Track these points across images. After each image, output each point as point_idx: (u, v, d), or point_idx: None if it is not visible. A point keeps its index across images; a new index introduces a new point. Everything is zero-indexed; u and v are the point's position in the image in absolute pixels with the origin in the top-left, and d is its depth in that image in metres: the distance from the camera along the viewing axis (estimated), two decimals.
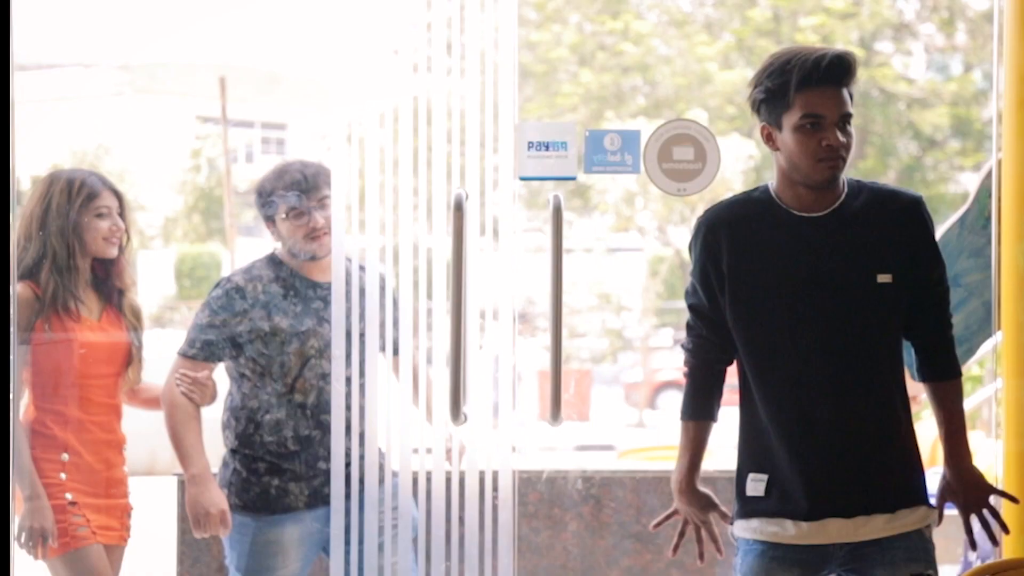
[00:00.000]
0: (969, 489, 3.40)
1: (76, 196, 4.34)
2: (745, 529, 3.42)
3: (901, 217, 3.34)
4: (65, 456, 4.32)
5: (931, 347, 3.41)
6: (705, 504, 3.49)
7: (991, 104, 5.06)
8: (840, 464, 3.30)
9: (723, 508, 3.51)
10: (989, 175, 4.76)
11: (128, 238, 4.49)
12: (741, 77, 17.84)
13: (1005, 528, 3.46)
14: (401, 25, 4.42)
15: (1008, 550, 4.21)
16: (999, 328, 4.42)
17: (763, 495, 3.36)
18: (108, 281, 4.50)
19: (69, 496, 4.31)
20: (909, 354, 3.47)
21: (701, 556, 3.54)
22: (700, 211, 3.53)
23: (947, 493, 3.40)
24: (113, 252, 4.42)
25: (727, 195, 3.62)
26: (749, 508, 3.40)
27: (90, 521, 4.33)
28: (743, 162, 16.65)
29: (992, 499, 3.46)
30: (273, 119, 26.54)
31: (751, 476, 3.39)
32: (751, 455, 3.40)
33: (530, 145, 4.26)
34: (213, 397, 4.35)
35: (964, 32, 18.91)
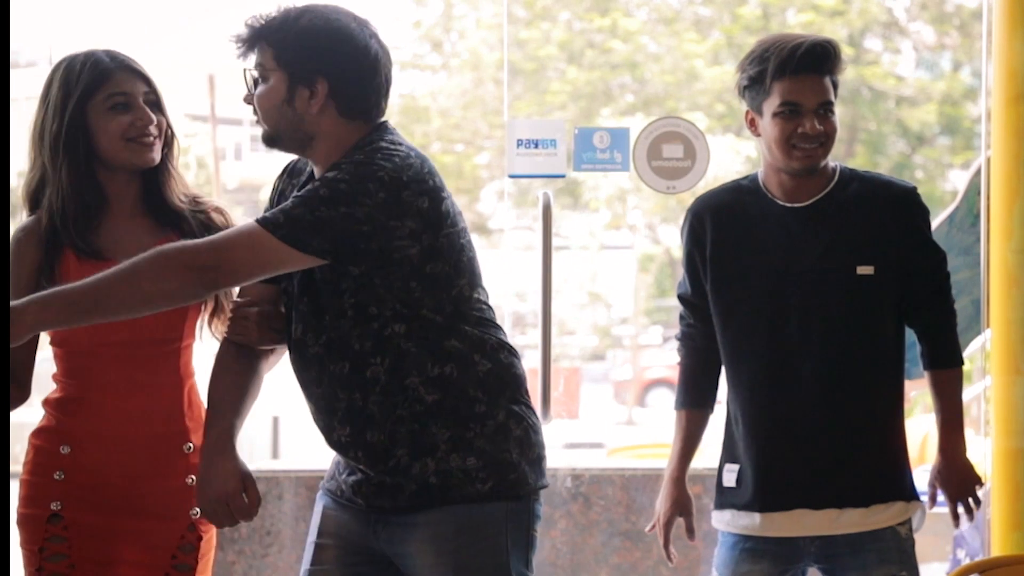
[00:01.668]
0: (956, 480, 3.39)
1: (77, 84, 3.08)
2: (720, 521, 3.42)
3: (892, 208, 3.33)
4: (66, 449, 3.10)
5: (930, 335, 3.40)
6: (680, 505, 3.48)
7: (980, 102, 5.08)
8: (810, 456, 3.28)
9: (694, 524, 3.50)
10: (978, 173, 4.77)
11: (173, 136, 3.19)
12: (730, 75, 17.85)
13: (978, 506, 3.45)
14: (390, 23, 4.40)
15: (996, 548, 4.22)
16: (988, 326, 4.42)
17: (735, 486, 3.36)
18: (156, 204, 3.18)
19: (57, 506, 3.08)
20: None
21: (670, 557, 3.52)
22: None
23: (936, 479, 3.40)
24: (147, 158, 3.11)
25: None
26: (724, 499, 3.40)
27: (75, 549, 3.07)
28: (739, 162, 16.67)
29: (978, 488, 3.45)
30: None
31: (726, 467, 3.40)
32: (728, 446, 3.40)
33: (519, 143, 4.27)
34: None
35: (953, 30, 18.94)
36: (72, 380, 3.11)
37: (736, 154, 17.06)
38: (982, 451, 4.63)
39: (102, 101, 3.07)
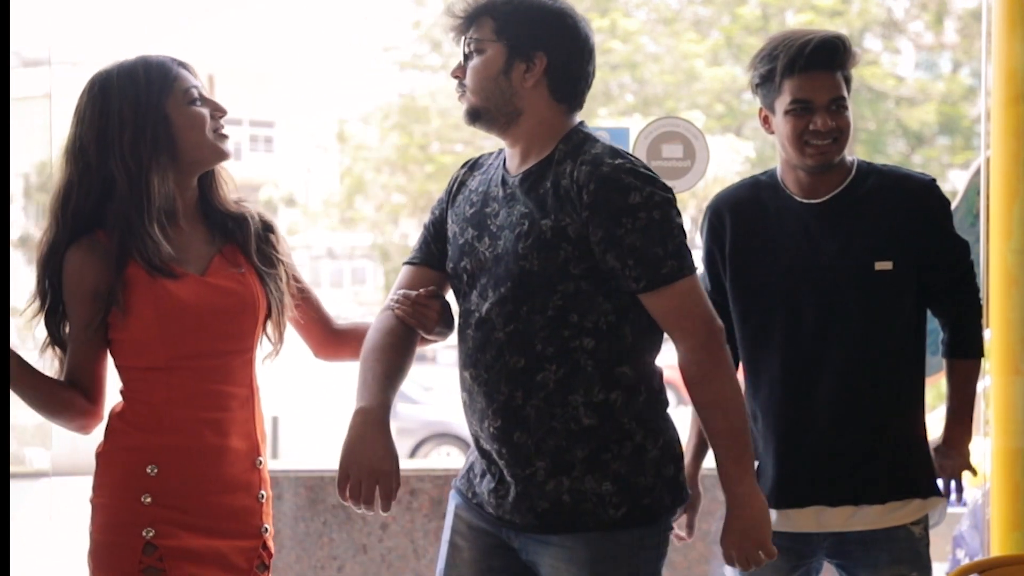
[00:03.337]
0: (949, 464, 3.40)
1: (148, 86, 2.97)
2: None
3: (911, 202, 3.31)
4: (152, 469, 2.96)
5: (950, 325, 3.40)
6: (689, 501, 3.48)
7: (979, 102, 5.08)
8: (829, 453, 3.28)
9: (695, 521, 3.50)
10: (977, 173, 4.77)
11: None
12: (730, 74, 17.86)
13: (960, 495, 3.48)
14: (390, 23, 4.39)
15: (995, 548, 4.22)
16: (987, 326, 4.42)
17: None
18: (210, 210, 3.09)
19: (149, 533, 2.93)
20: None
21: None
22: (691, 209, 3.52)
23: (933, 452, 3.41)
24: (228, 149, 3.04)
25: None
26: None
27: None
28: (739, 162, 16.68)
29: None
30: (261, 117, 26.55)
31: None
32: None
33: None
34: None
35: (953, 30, 18.95)
36: (148, 395, 2.96)
37: (736, 154, 17.07)
38: (982, 451, 4.63)
39: (180, 97, 2.97)
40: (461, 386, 2.96)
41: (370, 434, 2.77)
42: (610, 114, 17.66)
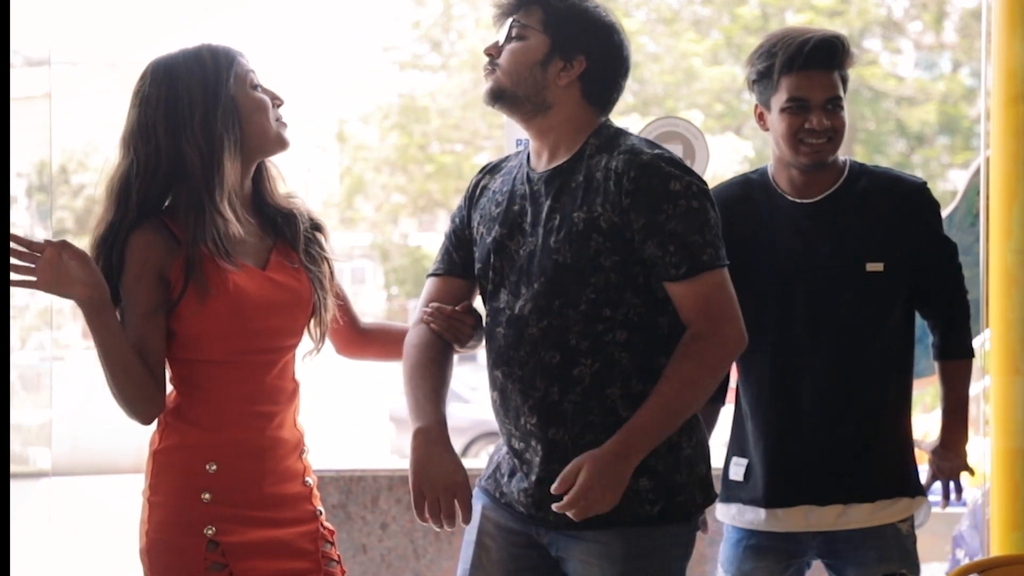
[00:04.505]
0: (947, 465, 3.41)
1: (217, 68, 2.95)
2: (725, 515, 3.42)
3: (902, 203, 3.31)
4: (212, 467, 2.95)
5: (940, 327, 3.41)
6: None
7: (979, 102, 5.09)
8: (819, 452, 3.29)
9: (706, 517, 3.49)
10: (977, 173, 4.77)
11: None
12: (729, 74, 17.86)
13: (960, 495, 3.48)
14: (390, 23, 4.38)
15: (995, 548, 4.22)
16: (987, 326, 4.42)
17: (743, 480, 3.36)
18: (262, 203, 3.07)
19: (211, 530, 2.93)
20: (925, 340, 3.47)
21: None
22: None
23: (931, 457, 3.41)
24: (288, 138, 3.04)
25: None
26: (730, 493, 3.40)
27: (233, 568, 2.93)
28: (737, 161, 16.67)
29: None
30: None
31: (734, 460, 3.40)
32: (737, 440, 3.40)
33: (518, 142, 4.26)
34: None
35: (953, 30, 18.95)
36: (204, 390, 2.95)
37: (735, 153, 17.07)
38: (982, 451, 4.63)
39: (243, 79, 2.97)
40: (491, 385, 2.97)
41: (436, 451, 2.84)
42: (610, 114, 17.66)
